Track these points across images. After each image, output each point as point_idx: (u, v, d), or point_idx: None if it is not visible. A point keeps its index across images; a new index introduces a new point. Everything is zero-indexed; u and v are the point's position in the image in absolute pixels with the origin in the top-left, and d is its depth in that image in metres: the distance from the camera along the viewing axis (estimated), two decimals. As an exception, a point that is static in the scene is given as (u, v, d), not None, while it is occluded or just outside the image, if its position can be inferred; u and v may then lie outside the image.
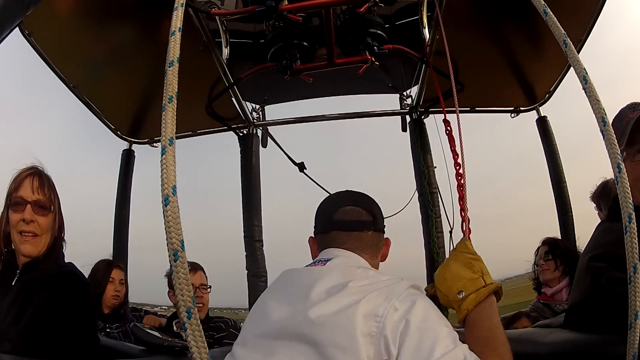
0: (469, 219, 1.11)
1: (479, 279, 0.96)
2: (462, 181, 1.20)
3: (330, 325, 0.83)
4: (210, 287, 2.31)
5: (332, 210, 1.13)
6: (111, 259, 2.39)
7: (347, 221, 1.10)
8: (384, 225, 1.16)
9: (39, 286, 1.29)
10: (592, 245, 1.15)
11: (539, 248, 2.31)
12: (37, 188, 1.37)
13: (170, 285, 2.24)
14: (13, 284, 1.35)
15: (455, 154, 1.23)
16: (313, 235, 1.18)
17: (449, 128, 1.31)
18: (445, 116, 1.33)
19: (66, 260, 1.47)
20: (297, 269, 1.08)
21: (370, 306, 0.83)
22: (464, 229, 1.11)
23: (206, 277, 2.34)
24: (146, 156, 2.58)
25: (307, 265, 1.08)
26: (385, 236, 1.17)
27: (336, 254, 1.06)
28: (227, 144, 2.55)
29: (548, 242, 2.29)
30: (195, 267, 2.29)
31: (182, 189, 0.53)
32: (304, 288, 0.94)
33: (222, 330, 2.18)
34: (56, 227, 1.41)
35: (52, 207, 1.39)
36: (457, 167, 1.21)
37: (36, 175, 1.39)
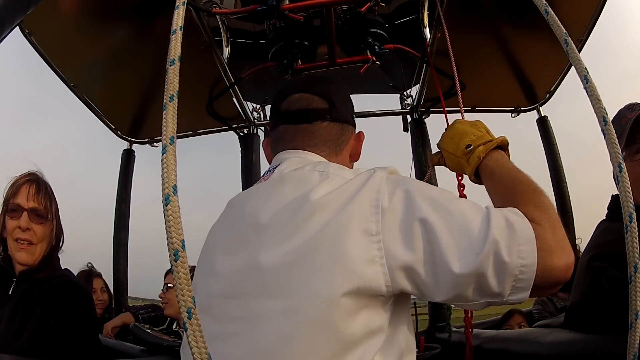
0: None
1: (486, 135, 0.90)
2: (462, 181, 1.21)
3: (296, 269, 0.64)
4: None
5: (279, 100, 0.92)
6: (87, 268, 2.53)
7: (294, 111, 0.88)
8: (352, 117, 0.93)
9: (36, 299, 1.28)
10: (592, 245, 1.15)
11: None
12: (34, 195, 1.36)
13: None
14: (10, 293, 1.34)
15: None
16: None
17: None
18: (447, 122, 1.33)
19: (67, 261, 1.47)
20: (241, 193, 0.87)
21: (355, 223, 0.64)
22: None
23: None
24: (146, 156, 2.59)
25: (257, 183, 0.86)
26: (357, 130, 0.95)
27: (283, 158, 0.85)
28: (227, 143, 2.56)
29: None
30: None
31: (182, 188, 0.53)
32: (248, 221, 0.74)
33: None
34: (53, 235, 1.40)
35: (48, 215, 1.37)
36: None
37: (34, 182, 1.38)
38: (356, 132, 0.95)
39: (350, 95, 1.01)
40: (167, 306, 2.20)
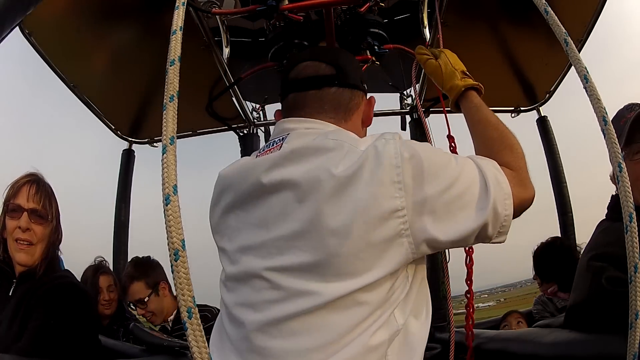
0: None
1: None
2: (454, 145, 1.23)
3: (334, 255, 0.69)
4: None
5: (288, 70, 0.94)
6: (95, 263, 2.33)
7: (302, 78, 0.89)
8: (362, 82, 0.94)
9: (36, 300, 1.29)
10: (592, 245, 1.15)
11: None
12: (34, 196, 1.37)
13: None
14: (10, 294, 1.35)
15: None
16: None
17: (452, 145, 1.32)
18: (449, 132, 1.34)
19: (67, 263, 1.47)
20: (239, 165, 0.87)
21: (380, 201, 0.69)
22: None
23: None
24: (146, 156, 2.59)
25: (259, 153, 0.86)
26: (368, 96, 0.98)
27: (291, 127, 0.85)
28: (227, 143, 2.56)
29: (533, 256, 2.27)
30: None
31: (181, 188, 0.53)
32: (257, 210, 0.78)
33: (208, 320, 2.06)
34: (53, 236, 1.40)
35: (49, 216, 1.38)
36: None
37: (34, 183, 1.39)
38: (367, 98, 0.97)
39: None
40: (154, 317, 2.12)
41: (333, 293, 0.68)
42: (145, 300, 2.07)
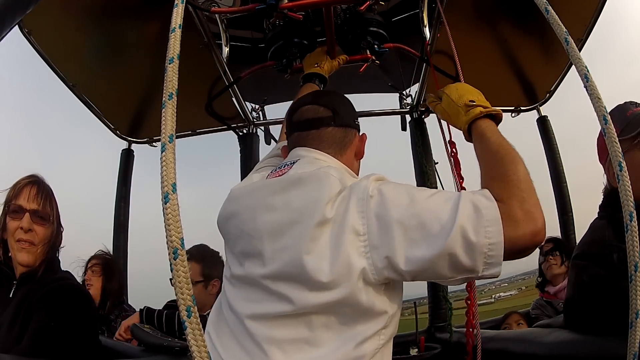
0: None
1: (487, 102, 1.01)
2: (462, 183, 1.23)
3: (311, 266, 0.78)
4: None
5: (292, 113, 1.09)
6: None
7: (304, 120, 1.04)
8: (355, 121, 1.08)
9: (37, 302, 1.28)
10: (579, 244, 1.21)
11: (542, 246, 2.31)
12: (36, 197, 1.37)
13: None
14: (10, 296, 1.34)
15: (458, 168, 1.26)
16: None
17: (454, 150, 1.33)
18: (451, 138, 1.35)
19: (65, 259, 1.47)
20: (247, 182, 1.03)
21: (349, 224, 0.78)
22: None
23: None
24: (146, 156, 2.58)
25: (271, 174, 0.99)
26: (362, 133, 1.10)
27: (303, 155, 1.00)
28: (227, 143, 2.55)
29: (552, 240, 2.31)
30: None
31: (181, 187, 0.53)
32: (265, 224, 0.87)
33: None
34: (54, 237, 1.40)
35: (50, 218, 1.38)
36: (459, 170, 1.23)
37: (35, 184, 1.39)
38: (360, 134, 1.09)
39: (350, 95, 1.12)
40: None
41: (307, 301, 0.78)
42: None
